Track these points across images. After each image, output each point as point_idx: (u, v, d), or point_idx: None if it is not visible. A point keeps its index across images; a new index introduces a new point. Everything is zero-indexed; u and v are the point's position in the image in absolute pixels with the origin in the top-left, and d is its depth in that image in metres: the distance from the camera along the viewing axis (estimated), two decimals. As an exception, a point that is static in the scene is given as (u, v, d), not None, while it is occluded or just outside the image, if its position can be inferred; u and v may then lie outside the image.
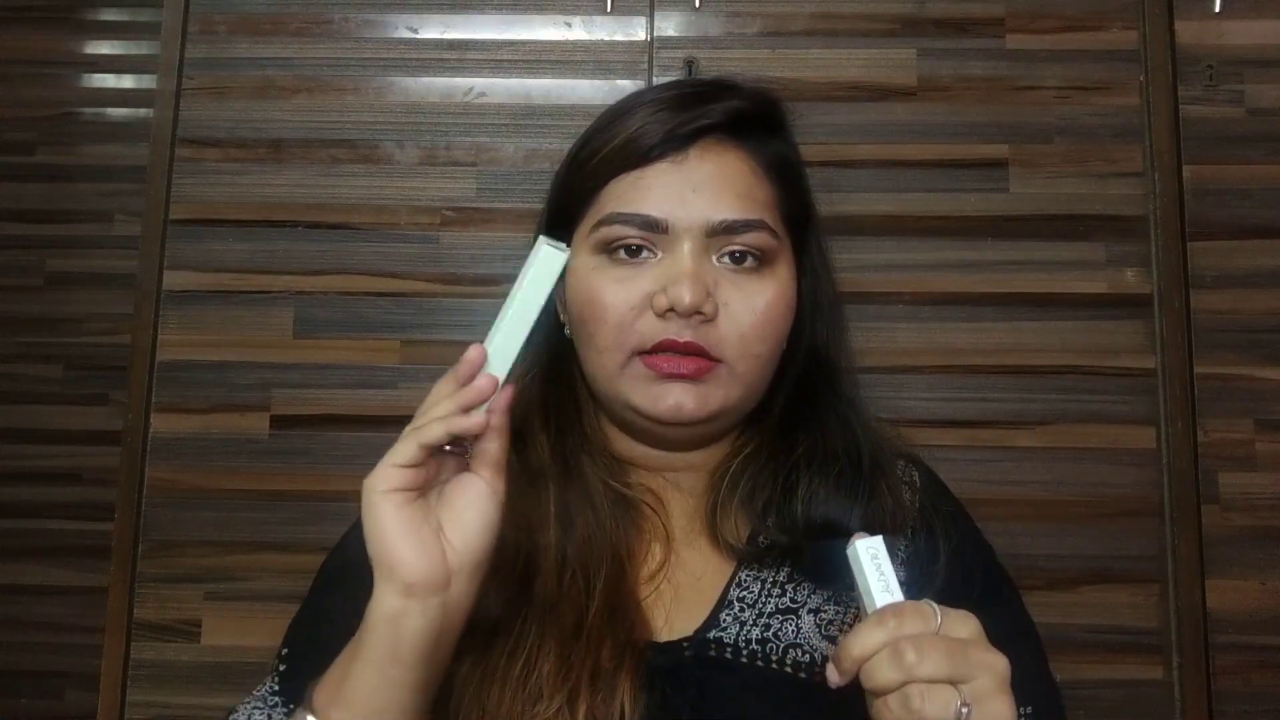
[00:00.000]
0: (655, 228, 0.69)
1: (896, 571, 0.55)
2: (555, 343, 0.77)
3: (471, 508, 0.58)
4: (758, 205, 0.71)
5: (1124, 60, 1.14)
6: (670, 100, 0.73)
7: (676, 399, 0.68)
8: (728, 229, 0.69)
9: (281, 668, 0.71)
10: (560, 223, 0.76)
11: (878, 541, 0.55)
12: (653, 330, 0.68)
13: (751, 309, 0.69)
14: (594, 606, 0.64)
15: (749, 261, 0.70)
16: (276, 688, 0.70)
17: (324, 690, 0.58)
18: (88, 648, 1.09)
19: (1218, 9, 1.13)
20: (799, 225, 0.75)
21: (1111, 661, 1.05)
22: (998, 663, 0.51)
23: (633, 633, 0.64)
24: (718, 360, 0.68)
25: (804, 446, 0.72)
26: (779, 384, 0.76)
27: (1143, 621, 1.06)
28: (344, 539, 0.77)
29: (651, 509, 0.72)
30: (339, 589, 0.71)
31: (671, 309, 0.67)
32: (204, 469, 1.11)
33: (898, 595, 0.54)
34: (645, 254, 0.70)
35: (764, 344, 0.70)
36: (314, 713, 0.57)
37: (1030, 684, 0.68)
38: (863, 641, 0.52)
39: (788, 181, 0.74)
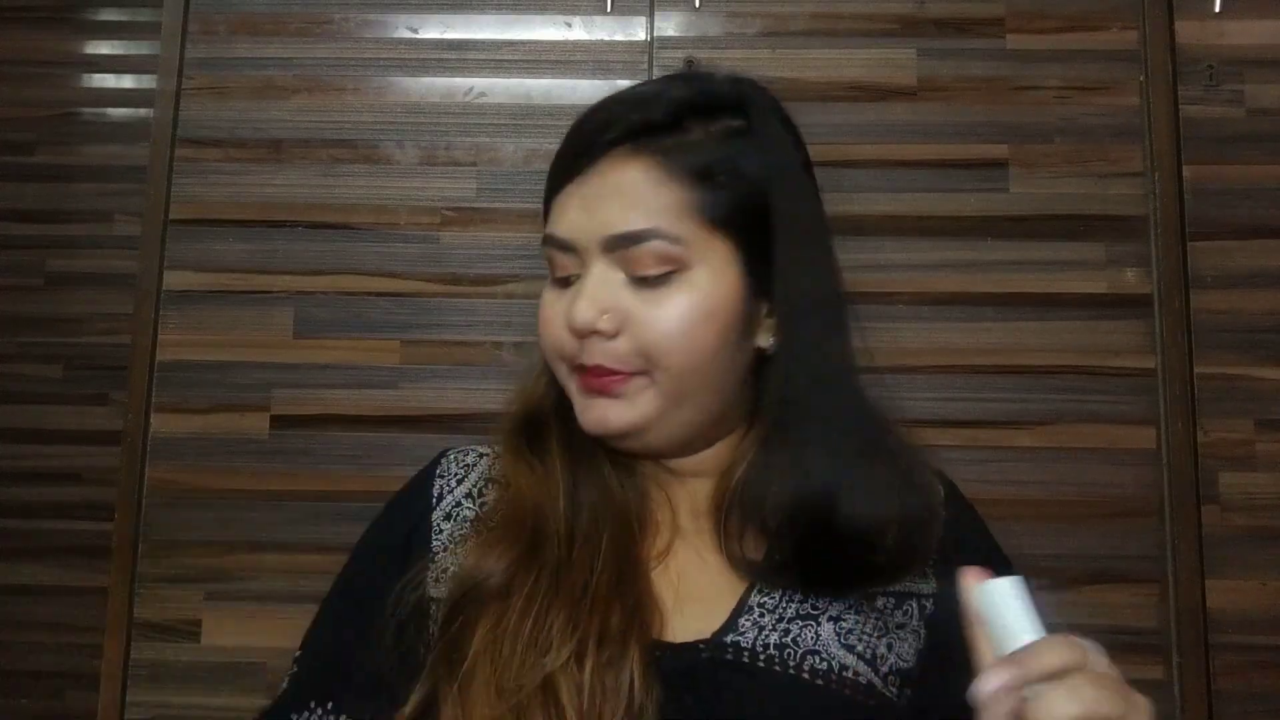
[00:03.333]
0: (568, 248, 0.69)
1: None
2: None
3: None
4: (653, 213, 0.67)
5: (1124, 60, 1.14)
6: (588, 114, 0.72)
7: (600, 413, 0.69)
8: (621, 241, 0.67)
9: (294, 669, 0.72)
10: None
11: (1017, 581, 0.55)
12: (571, 350, 0.69)
13: (656, 320, 0.67)
14: (599, 569, 0.65)
15: (653, 273, 0.67)
16: (284, 688, 0.71)
17: None
18: (88, 648, 1.09)
19: (1218, 9, 1.13)
20: (742, 225, 0.70)
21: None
22: (1145, 704, 0.52)
23: (640, 602, 0.65)
24: (633, 373, 0.67)
25: (810, 458, 0.69)
26: (765, 388, 0.72)
27: (1143, 621, 1.05)
28: (358, 554, 0.77)
29: (660, 490, 0.73)
30: (358, 612, 0.71)
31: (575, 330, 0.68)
32: (204, 469, 1.11)
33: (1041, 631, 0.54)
34: (574, 277, 0.70)
35: (680, 354, 0.67)
36: None
37: None
38: (1047, 659, 0.51)
39: (717, 179, 0.69)
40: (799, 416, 0.71)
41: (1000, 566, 0.73)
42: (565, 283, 0.70)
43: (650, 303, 0.67)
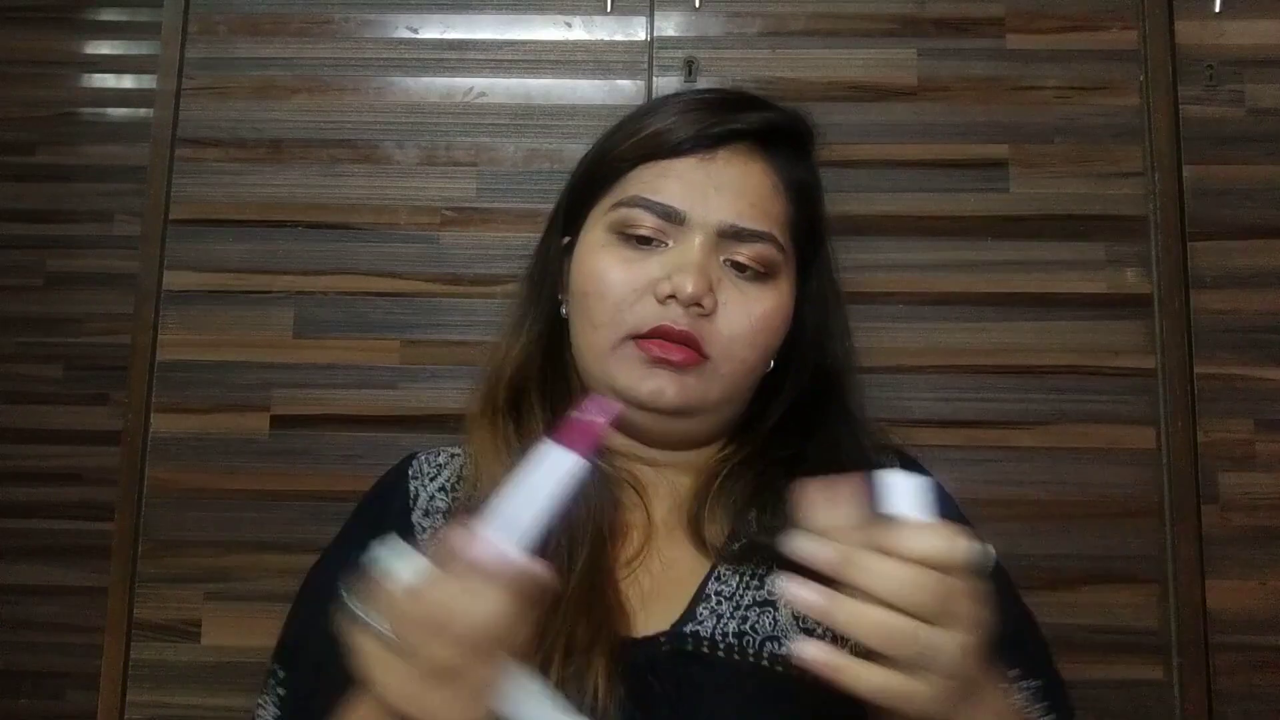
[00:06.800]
0: (672, 217, 0.71)
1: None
2: (553, 321, 0.77)
3: None
4: (770, 219, 0.73)
5: (1124, 60, 1.14)
6: (705, 101, 0.76)
7: (659, 384, 0.69)
8: (737, 234, 0.71)
9: (280, 691, 0.71)
10: (576, 208, 0.77)
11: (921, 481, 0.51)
12: (651, 314, 0.69)
13: (748, 313, 0.71)
14: (573, 581, 0.65)
15: (751, 270, 0.72)
16: (278, 714, 0.70)
17: None
18: (88, 648, 1.09)
19: (1218, 9, 1.13)
20: (806, 246, 0.77)
21: (1111, 661, 1.05)
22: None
23: (608, 613, 0.65)
24: (706, 356, 0.70)
25: (814, 462, 0.72)
26: (774, 396, 0.77)
27: (1143, 621, 1.05)
28: (329, 555, 0.76)
29: (637, 493, 0.73)
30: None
31: (673, 296, 0.68)
32: (204, 469, 1.11)
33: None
34: (656, 244, 0.71)
35: (753, 350, 0.72)
36: None
37: (1039, 661, 0.70)
38: (927, 544, 0.48)
39: (803, 203, 0.77)
40: (813, 434, 0.76)
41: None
42: (642, 243, 0.71)
43: (746, 295, 0.72)
